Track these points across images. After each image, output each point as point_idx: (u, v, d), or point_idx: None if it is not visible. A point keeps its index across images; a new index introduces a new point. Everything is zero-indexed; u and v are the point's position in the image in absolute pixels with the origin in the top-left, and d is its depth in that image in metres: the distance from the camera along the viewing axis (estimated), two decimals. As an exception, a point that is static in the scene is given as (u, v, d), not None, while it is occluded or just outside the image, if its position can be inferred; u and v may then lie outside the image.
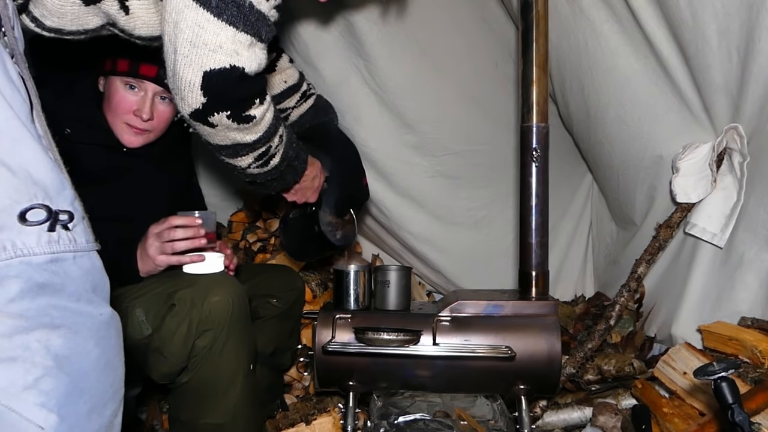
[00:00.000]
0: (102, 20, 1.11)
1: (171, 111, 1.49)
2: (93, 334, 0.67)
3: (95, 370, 0.67)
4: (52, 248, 0.64)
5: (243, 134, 1.16)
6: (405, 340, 1.48)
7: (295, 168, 1.41)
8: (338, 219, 1.71)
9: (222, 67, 1.00)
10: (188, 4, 0.96)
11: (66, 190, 0.68)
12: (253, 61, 1.04)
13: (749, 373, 1.43)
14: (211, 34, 0.97)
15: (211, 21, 0.97)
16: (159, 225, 1.36)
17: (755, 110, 1.61)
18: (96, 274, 0.69)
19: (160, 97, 1.46)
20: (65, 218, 0.66)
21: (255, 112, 1.12)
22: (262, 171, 1.30)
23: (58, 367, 0.62)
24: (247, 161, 1.24)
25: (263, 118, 1.16)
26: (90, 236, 0.70)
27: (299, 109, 1.78)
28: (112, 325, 0.71)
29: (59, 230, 0.65)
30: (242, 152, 1.21)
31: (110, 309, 0.71)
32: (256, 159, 1.24)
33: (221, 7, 0.96)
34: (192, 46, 0.98)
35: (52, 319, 0.63)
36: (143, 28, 1.13)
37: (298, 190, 1.53)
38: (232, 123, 1.11)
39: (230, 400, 1.38)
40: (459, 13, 2.10)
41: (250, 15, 0.99)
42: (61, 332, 0.63)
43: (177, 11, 0.97)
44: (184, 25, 0.97)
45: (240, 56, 1.01)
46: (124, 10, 1.08)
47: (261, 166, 1.28)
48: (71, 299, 0.65)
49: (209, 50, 0.99)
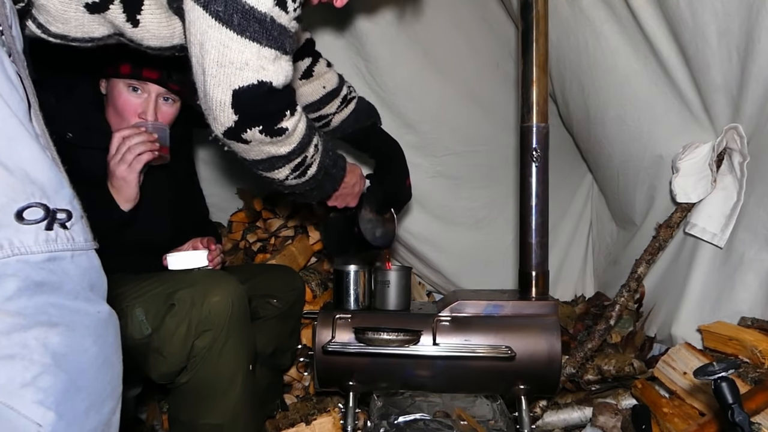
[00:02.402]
0: (108, 30, 1.10)
1: (174, 111, 1.50)
2: (91, 332, 0.67)
3: (93, 367, 0.67)
4: (50, 247, 0.64)
5: (277, 147, 1.17)
6: (405, 340, 1.48)
7: (333, 176, 1.40)
8: (378, 217, 1.70)
9: (250, 83, 1.01)
10: (211, 25, 0.96)
11: (64, 188, 0.68)
12: (280, 74, 1.04)
13: (749, 373, 1.43)
14: (236, 53, 0.98)
15: (235, 39, 0.97)
16: (112, 145, 1.36)
17: (755, 110, 1.60)
18: (94, 273, 0.69)
19: (163, 99, 1.46)
20: (63, 217, 0.66)
21: (287, 124, 1.13)
22: (300, 182, 1.30)
23: (56, 365, 0.62)
24: (285, 173, 1.25)
25: (296, 129, 1.17)
26: (88, 235, 0.70)
27: (341, 115, 1.75)
28: (110, 323, 0.71)
29: (57, 229, 0.65)
30: (278, 165, 1.21)
31: (108, 307, 0.71)
32: (292, 170, 1.25)
33: (243, 25, 0.96)
34: (219, 66, 0.99)
35: (50, 317, 0.63)
36: (152, 40, 1.13)
37: (338, 197, 1.52)
38: (266, 137, 1.11)
39: (230, 401, 1.38)
40: (459, 14, 2.10)
41: (272, 29, 0.99)
42: (59, 330, 0.63)
43: (201, 32, 0.98)
44: (209, 45, 0.98)
45: (267, 71, 1.01)
46: (133, 22, 1.08)
47: (298, 177, 1.28)
48: (69, 297, 0.65)
49: (236, 68, 0.99)
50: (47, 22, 1.06)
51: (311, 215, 2.35)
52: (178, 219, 1.62)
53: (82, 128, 1.42)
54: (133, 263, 1.47)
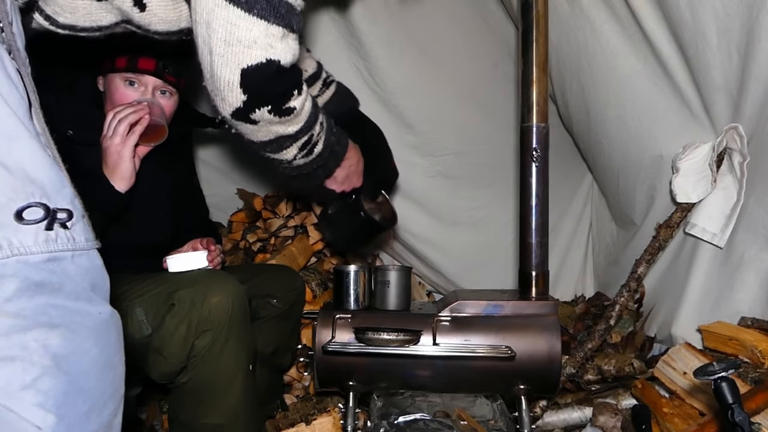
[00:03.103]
0: (116, 17, 1.10)
1: (172, 105, 1.50)
2: (92, 333, 0.66)
3: (94, 369, 0.66)
4: (50, 247, 0.63)
5: (285, 126, 1.16)
6: (405, 340, 1.48)
7: (336, 153, 1.41)
8: (373, 202, 1.70)
9: (259, 62, 1.00)
10: (218, 3, 0.95)
11: (65, 188, 0.67)
12: (288, 52, 1.03)
13: (749, 373, 1.43)
14: (244, 31, 0.97)
15: (243, 17, 0.96)
16: (104, 126, 1.35)
17: (755, 110, 1.60)
18: (95, 273, 0.69)
19: (161, 92, 1.47)
20: (64, 216, 0.65)
21: (294, 103, 1.13)
22: (307, 161, 1.31)
23: (57, 367, 0.62)
24: (292, 152, 1.25)
25: (303, 108, 1.17)
26: (90, 234, 0.69)
27: (323, 98, 1.76)
28: (112, 324, 0.70)
29: (57, 229, 0.64)
30: (286, 144, 1.21)
31: (110, 308, 0.70)
32: (300, 149, 1.25)
33: (251, 3, 0.96)
34: (227, 45, 0.98)
35: (50, 318, 0.62)
36: (160, 24, 1.12)
37: (345, 179, 1.50)
38: (274, 117, 1.11)
39: (230, 401, 1.38)
40: (459, 14, 2.10)
41: (279, 7, 0.98)
42: (60, 331, 0.63)
43: (208, 11, 0.97)
44: (216, 24, 0.97)
45: (275, 49, 1.01)
46: (140, 6, 1.07)
47: (305, 156, 1.28)
48: (70, 298, 0.64)
49: (244, 47, 0.98)
50: (55, 13, 1.05)
51: (311, 215, 2.34)
52: (178, 219, 1.62)
53: (82, 125, 1.42)
54: (133, 264, 1.47)
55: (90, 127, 1.43)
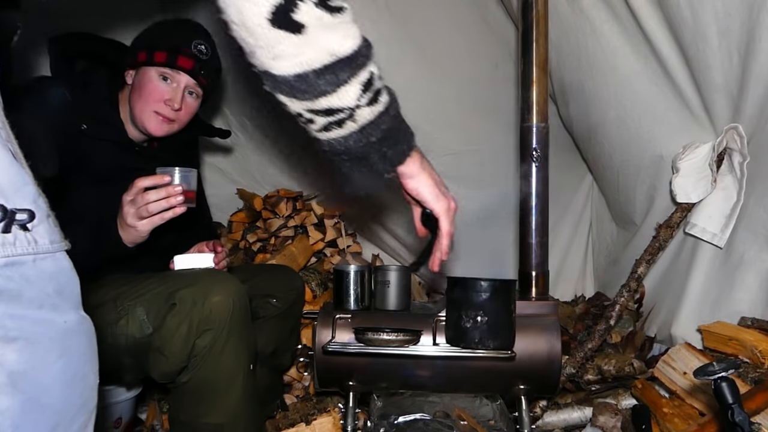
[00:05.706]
0: None
1: (196, 107, 1.57)
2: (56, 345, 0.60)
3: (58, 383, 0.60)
4: (7, 251, 0.57)
5: (338, 36, 0.89)
6: (405, 340, 1.48)
7: (405, 131, 1.10)
8: None
9: None
10: None
11: (27, 186, 0.61)
12: None
13: (749, 373, 1.43)
14: None
15: None
16: (130, 192, 1.32)
17: (755, 110, 1.61)
18: (62, 277, 0.62)
19: (189, 92, 1.53)
20: (24, 218, 0.59)
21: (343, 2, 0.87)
22: (374, 114, 0.98)
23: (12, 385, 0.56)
24: (353, 91, 0.94)
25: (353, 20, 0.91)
26: (56, 236, 0.62)
27: None
28: (81, 332, 0.64)
29: (15, 231, 0.58)
30: (343, 75, 0.92)
31: (80, 314, 0.64)
32: (362, 87, 0.95)
33: None
34: None
35: (7, 331, 0.56)
36: None
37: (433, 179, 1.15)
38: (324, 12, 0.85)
39: (230, 400, 1.38)
40: (459, 14, 2.10)
41: None
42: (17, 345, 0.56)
43: None
44: None
45: None
46: None
47: (371, 103, 0.97)
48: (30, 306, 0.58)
49: None
50: None
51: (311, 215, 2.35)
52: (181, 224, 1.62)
53: (95, 121, 1.47)
54: (134, 266, 1.47)
55: (102, 122, 1.50)
